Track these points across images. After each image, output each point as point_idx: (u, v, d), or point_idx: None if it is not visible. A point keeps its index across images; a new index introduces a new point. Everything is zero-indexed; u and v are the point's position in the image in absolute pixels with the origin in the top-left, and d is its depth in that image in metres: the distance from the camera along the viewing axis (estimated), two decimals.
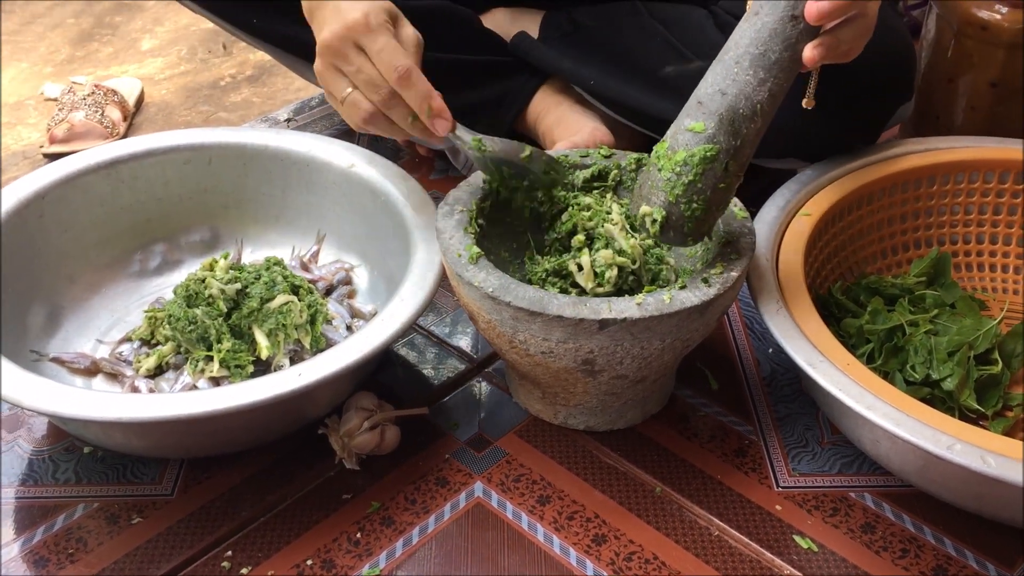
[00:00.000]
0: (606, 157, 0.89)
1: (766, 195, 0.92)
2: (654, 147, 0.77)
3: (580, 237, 0.81)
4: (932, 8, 1.14)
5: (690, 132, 0.74)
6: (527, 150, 0.84)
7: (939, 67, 1.13)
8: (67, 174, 0.93)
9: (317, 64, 0.81)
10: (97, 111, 1.36)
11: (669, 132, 0.76)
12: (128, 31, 1.74)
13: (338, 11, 0.79)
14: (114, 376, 0.87)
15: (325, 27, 0.79)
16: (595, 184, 0.87)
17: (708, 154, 0.74)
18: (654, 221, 0.76)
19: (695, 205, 0.75)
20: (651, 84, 1.03)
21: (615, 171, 0.87)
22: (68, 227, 0.93)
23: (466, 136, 0.83)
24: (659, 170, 0.76)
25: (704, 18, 1.04)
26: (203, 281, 0.86)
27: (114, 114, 1.38)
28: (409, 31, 0.82)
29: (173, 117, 1.48)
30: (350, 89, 0.80)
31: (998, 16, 1.06)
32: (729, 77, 0.73)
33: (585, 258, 0.79)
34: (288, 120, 0.94)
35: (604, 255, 0.78)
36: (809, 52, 0.72)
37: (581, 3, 1.15)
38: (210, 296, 0.85)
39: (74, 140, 1.33)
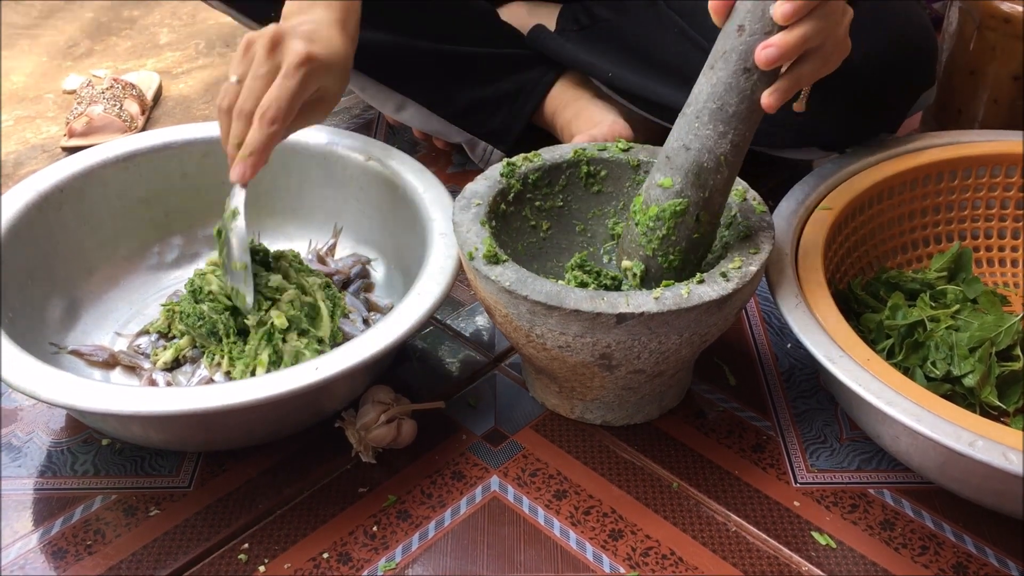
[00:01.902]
0: (624, 151, 0.88)
1: (784, 189, 0.91)
2: (633, 201, 0.79)
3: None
4: (954, 1, 1.13)
5: (660, 188, 0.76)
6: (240, 264, 0.83)
7: (961, 60, 1.12)
8: (86, 167, 0.94)
9: (252, 35, 0.81)
10: (115, 105, 1.36)
11: (644, 187, 0.78)
12: (146, 25, 1.75)
13: (306, 33, 0.80)
14: (132, 369, 0.88)
15: (294, 27, 0.81)
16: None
17: (678, 208, 0.75)
18: (634, 275, 0.79)
19: (671, 257, 0.77)
20: (669, 76, 1.02)
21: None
22: (86, 220, 0.94)
23: (235, 200, 0.83)
24: (636, 224, 0.78)
25: None
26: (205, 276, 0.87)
27: (132, 108, 1.39)
28: (330, 90, 0.83)
29: (191, 111, 1.49)
30: (237, 79, 0.80)
31: (1020, 8, 1.04)
32: (691, 132, 0.74)
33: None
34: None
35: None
36: (765, 100, 0.71)
37: None
38: (210, 292, 0.86)
39: (93, 134, 1.34)
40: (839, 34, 0.72)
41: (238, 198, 0.83)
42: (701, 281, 0.74)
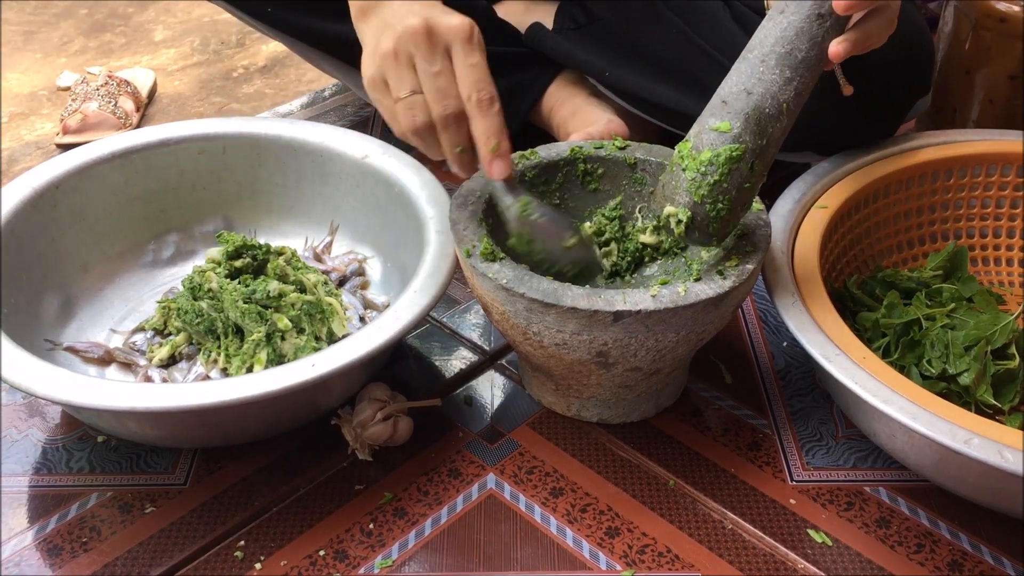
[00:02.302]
0: (620, 149, 0.88)
1: (781, 187, 0.91)
2: (677, 147, 0.76)
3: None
4: (950, 0, 1.13)
5: (715, 131, 0.73)
6: (573, 239, 0.78)
7: (956, 60, 1.12)
8: (81, 164, 0.93)
9: (389, 44, 0.73)
10: (110, 101, 1.36)
11: (692, 131, 0.75)
12: (141, 22, 1.74)
13: (441, 8, 0.72)
14: (127, 366, 0.88)
15: (419, 11, 0.72)
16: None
17: (734, 154, 0.73)
18: (679, 222, 0.76)
19: (720, 205, 0.74)
20: (666, 75, 1.02)
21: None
22: (82, 217, 0.93)
23: (513, 194, 0.77)
24: (683, 170, 0.75)
25: (720, 10, 1.03)
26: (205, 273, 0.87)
27: (127, 105, 1.39)
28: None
29: (186, 108, 1.48)
30: (410, 92, 0.73)
31: (1017, 8, 1.05)
32: (754, 76, 0.73)
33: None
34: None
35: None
36: (835, 48, 0.71)
37: None
38: (210, 290, 0.85)
39: (87, 130, 1.33)
40: (897, 2, 0.74)
41: (513, 194, 0.77)
42: (698, 279, 0.74)
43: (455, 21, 0.73)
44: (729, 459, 0.82)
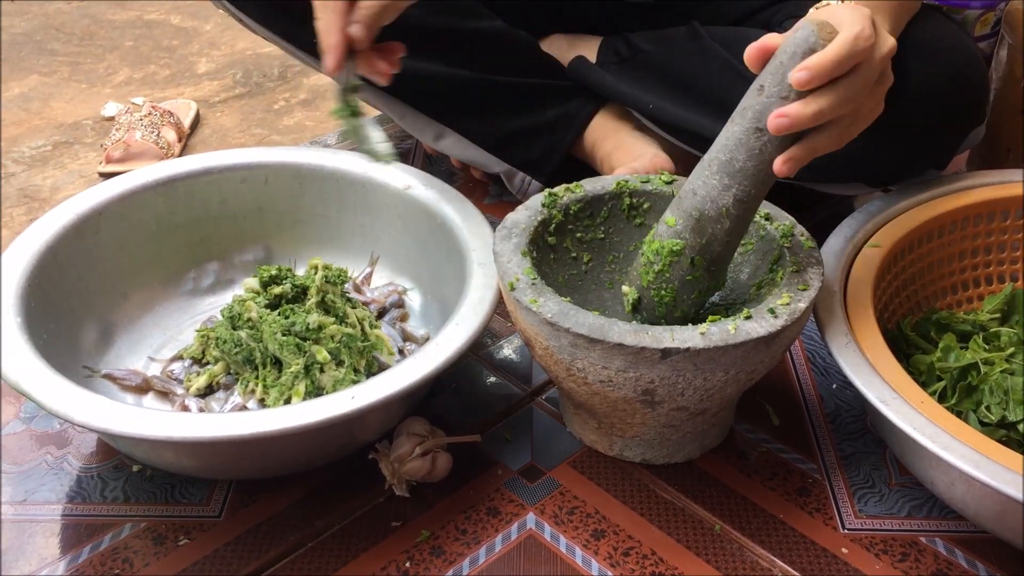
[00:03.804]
0: (667, 183, 0.87)
1: (826, 226, 0.89)
2: (651, 231, 0.80)
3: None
4: (1004, 38, 1.11)
5: (665, 225, 0.77)
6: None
7: (1010, 99, 1.10)
8: (125, 190, 0.93)
9: None
10: (153, 132, 1.37)
11: (661, 219, 0.78)
12: (186, 54, 1.76)
13: None
14: (165, 394, 0.87)
15: None
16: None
17: (674, 248, 0.76)
18: (629, 302, 0.80)
19: (663, 292, 0.78)
20: (711, 107, 1.01)
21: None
22: (123, 244, 0.93)
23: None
24: (642, 254, 0.79)
25: None
26: (244, 302, 0.86)
27: (169, 135, 1.39)
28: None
29: (227, 139, 1.49)
30: None
31: None
32: (700, 178, 0.74)
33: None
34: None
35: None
36: (778, 167, 0.69)
37: (639, 27, 1.13)
38: (249, 319, 0.84)
39: (130, 160, 1.34)
40: (868, 104, 0.70)
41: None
42: (748, 317, 0.72)
43: None
44: (777, 504, 0.79)
